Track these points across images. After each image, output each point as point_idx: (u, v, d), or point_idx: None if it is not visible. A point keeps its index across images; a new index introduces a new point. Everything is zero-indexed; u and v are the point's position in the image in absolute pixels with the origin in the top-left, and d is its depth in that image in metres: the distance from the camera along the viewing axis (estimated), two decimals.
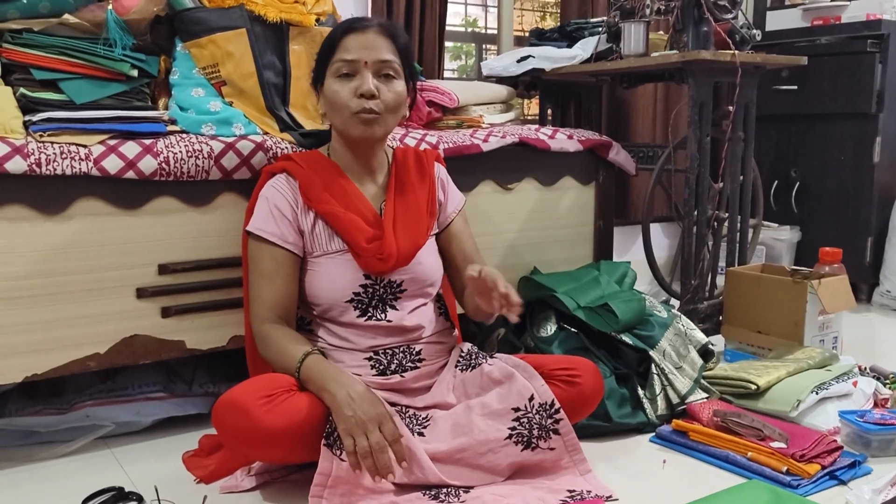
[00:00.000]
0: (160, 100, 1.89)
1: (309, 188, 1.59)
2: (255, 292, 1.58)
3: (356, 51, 1.56)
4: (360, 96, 1.55)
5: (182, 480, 1.57)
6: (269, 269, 1.57)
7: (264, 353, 1.55)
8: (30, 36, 1.69)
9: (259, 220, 1.59)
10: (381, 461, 1.36)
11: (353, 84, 1.56)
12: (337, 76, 1.58)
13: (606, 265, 2.24)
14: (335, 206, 1.59)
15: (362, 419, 1.37)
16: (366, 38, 1.57)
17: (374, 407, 1.40)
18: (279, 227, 1.57)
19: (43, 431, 1.76)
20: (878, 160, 3.14)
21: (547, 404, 1.50)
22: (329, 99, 1.59)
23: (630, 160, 2.50)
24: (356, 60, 1.56)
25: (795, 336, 2.22)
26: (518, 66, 2.70)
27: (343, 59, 1.56)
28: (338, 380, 1.42)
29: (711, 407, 1.77)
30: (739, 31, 2.38)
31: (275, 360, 1.53)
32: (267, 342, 1.54)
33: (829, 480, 1.55)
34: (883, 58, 3.08)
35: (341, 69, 1.57)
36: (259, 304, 1.56)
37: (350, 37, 1.57)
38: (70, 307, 1.63)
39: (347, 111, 1.57)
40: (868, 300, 3.24)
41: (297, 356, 1.47)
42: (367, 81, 1.56)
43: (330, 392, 1.40)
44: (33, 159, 1.54)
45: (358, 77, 1.57)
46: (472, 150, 2.10)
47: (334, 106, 1.59)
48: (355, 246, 1.58)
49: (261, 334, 1.55)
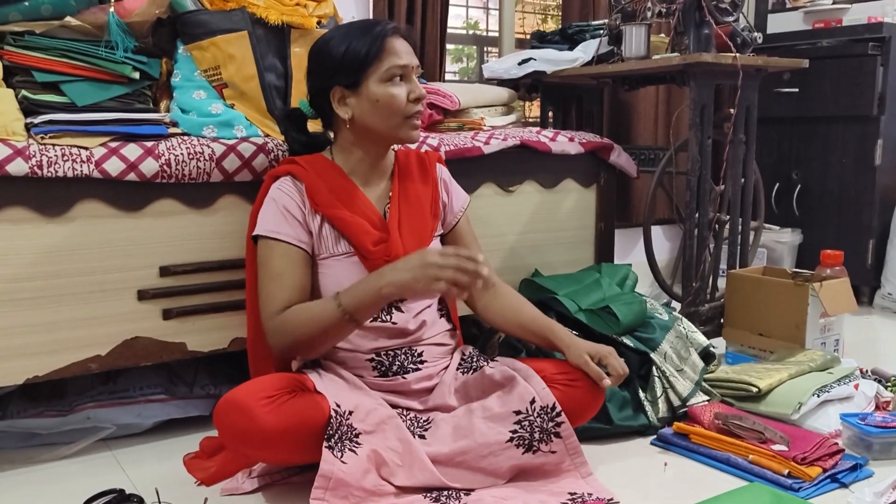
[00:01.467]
0: (162, 102, 1.89)
1: (315, 192, 1.59)
2: (265, 294, 1.54)
3: (406, 56, 1.57)
4: (416, 101, 1.57)
5: (183, 482, 1.57)
6: (281, 267, 1.54)
7: (289, 331, 1.49)
8: (31, 38, 1.69)
9: (270, 223, 1.57)
10: (463, 264, 1.39)
11: (406, 88, 1.57)
12: (388, 80, 1.56)
13: (608, 267, 2.24)
14: (342, 210, 1.59)
15: (418, 266, 1.40)
16: (405, 43, 1.59)
17: (417, 254, 1.43)
18: (291, 227, 1.56)
19: (44, 433, 1.76)
20: (880, 163, 3.14)
21: (548, 407, 1.50)
22: (382, 103, 1.56)
23: (631, 162, 2.50)
24: (408, 65, 1.57)
25: (797, 339, 2.22)
26: (519, 69, 2.70)
27: (397, 64, 1.55)
28: (378, 276, 1.44)
29: (713, 409, 1.77)
30: (741, 33, 2.38)
31: (306, 323, 1.47)
32: (286, 320, 1.49)
33: (830, 483, 1.55)
34: (884, 60, 3.08)
35: (394, 73, 1.56)
36: (270, 303, 1.52)
37: (395, 41, 1.57)
38: (71, 309, 1.63)
39: (402, 115, 1.57)
40: (870, 303, 3.24)
41: (330, 303, 1.46)
42: (418, 86, 1.58)
43: (386, 286, 1.42)
44: (35, 161, 1.54)
45: (407, 81, 1.57)
46: (474, 153, 2.10)
47: (389, 110, 1.57)
48: (362, 249, 1.58)
49: (276, 324, 1.50)
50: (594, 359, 1.58)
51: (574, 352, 1.60)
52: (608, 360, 1.59)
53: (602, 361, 1.59)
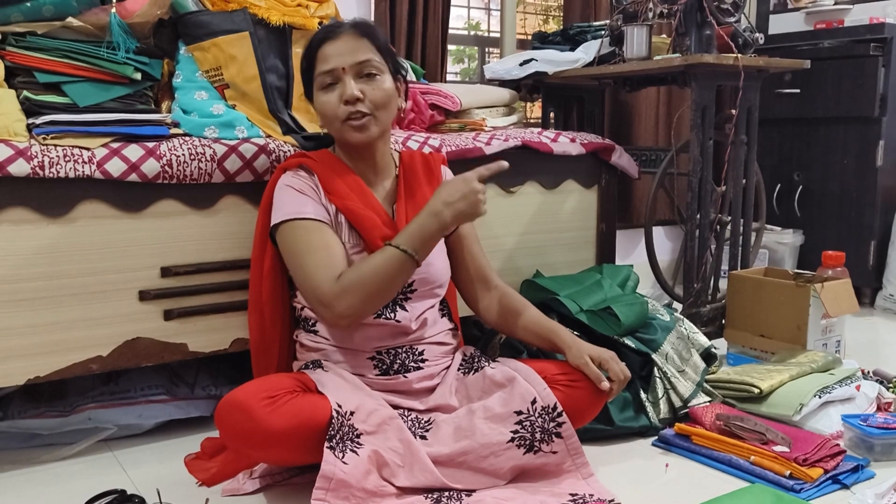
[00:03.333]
0: (163, 103, 1.89)
1: (329, 182, 1.60)
2: (312, 266, 1.51)
3: (333, 59, 1.57)
4: (346, 102, 1.57)
5: (184, 483, 1.57)
6: (321, 240, 1.53)
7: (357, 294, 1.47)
8: (33, 39, 1.69)
9: (292, 206, 1.56)
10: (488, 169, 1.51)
11: (337, 92, 1.58)
12: (322, 88, 1.59)
13: (609, 268, 2.24)
14: (355, 202, 1.60)
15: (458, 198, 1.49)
16: (341, 44, 1.58)
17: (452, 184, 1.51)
18: (313, 206, 1.57)
19: (45, 434, 1.76)
20: (882, 164, 3.14)
21: (549, 408, 1.50)
22: (320, 112, 1.62)
23: (633, 163, 2.50)
24: (335, 69, 1.57)
25: (798, 340, 2.22)
26: (521, 70, 2.70)
27: (323, 71, 1.58)
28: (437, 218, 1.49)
29: (714, 410, 1.77)
30: (742, 34, 2.38)
31: (373, 278, 1.47)
32: (349, 283, 1.47)
33: (831, 484, 1.55)
34: (886, 61, 3.08)
35: (325, 81, 1.58)
36: (322, 271, 1.49)
37: (325, 46, 1.59)
38: (73, 310, 1.63)
39: (338, 120, 1.58)
40: (871, 304, 3.24)
41: (390, 251, 1.49)
42: (348, 87, 1.56)
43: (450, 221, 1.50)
44: (36, 162, 1.55)
45: (340, 84, 1.58)
46: (475, 154, 2.10)
47: (326, 118, 1.61)
48: (371, 243, 1.58)
49: (339, 289, 1.47)
50: (595, 361, 1.58)
51: (575, 352, 1.60)
52: (609, 364, 1.59)
53: (603, 365, 1.59)
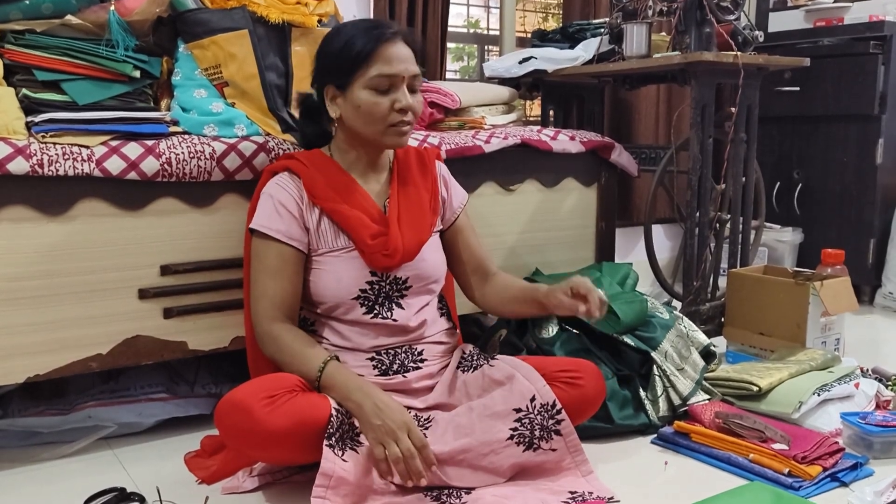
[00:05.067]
0: (162, 101, 1.89)
1: (313, 186, 1.59)
2: (259, 289, 1.56)
3: (397, 64, 1.54)
4: (400, 111, 1.55)
5: (184, 481, 1.57)
6: (275, 266, 1.56)
7: (274, 353, 1.54)
8: (32, 37, 1.69)
9: (263, 218, 1.58)
10: (413, 467, 1.39)
11: (390, 97, 1.55)
12: (373, 88, 1.54)
13: (608, 266, 2.24)
14: (340, 204, 1.59)
15: (391, 427, 1.39)
16: (400, 50, 1.55)
17: (401, 415, 1.42)
18: (284, 223, 1.57)
19: (45, 432, 1.76)
20: (881, 162, 3.14)
21: (548, 405, 1.50)
22: (363, 110, 1.56)
23: (632, 161, 2.50)
24: (397, 75, 1.54)
25: (797, 338, 2.22)
26: (520, 68, 2.70)
27: (384, 74, 1.53)
28: (363, 390, 1.44)
29: (713, 408, 1.77)
30: (742, 32, 2.38)
31: (289, 363, 1.51)
32: (278, 343, 1.53)
33: (830, 482, 1.55)
34: (886, 59, 3.08)
35: (382, 84, 1.54)
36: (265, 301, 1.55)
37: (387, 48, 1.54)
38: (72, 308, 1.63)
39: (383, 124, 1.56)
40: (870, 302, 3.24)
41: (316, 363, 1.48)
42: (406, 97, 1.55)
43: (356, 402, 1.43)
44: (36, 160, 1.54)
45: (394, 91, 1.55)
46: (474, 152, 2.10)
47: (370, 117, 1.56)
48: (360, 243, 1.58)
49: (270, 333, 1.54)
50: (572, 291, 1.56)
51: (551, 291, 1.60)
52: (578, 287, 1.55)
53: (577, 290, 1.56)
